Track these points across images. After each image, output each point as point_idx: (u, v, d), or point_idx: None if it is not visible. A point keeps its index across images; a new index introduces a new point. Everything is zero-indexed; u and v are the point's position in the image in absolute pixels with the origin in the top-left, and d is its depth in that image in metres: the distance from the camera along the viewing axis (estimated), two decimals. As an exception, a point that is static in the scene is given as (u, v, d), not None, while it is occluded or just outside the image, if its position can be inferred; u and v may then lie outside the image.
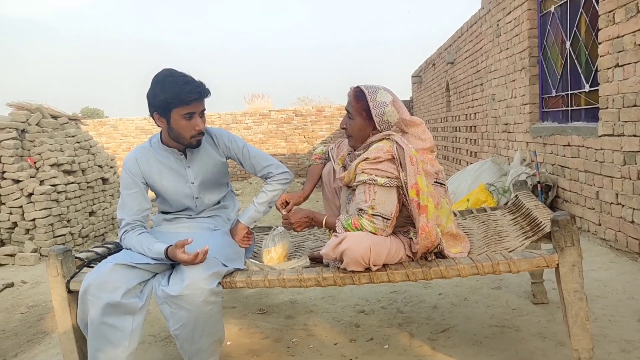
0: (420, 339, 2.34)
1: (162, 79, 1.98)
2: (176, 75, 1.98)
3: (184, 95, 1.94)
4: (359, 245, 1.78)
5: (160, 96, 1.96)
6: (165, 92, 1.95)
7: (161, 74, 2.00)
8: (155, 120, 2.04)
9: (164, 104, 1.96)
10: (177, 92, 1.94)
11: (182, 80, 1.97)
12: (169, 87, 1.95)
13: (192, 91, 1.95)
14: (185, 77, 2.00)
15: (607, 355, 2.04)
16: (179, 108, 1.97)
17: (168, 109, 1.97)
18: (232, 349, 2.40)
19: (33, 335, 3.08)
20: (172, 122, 2.00)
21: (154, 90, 1.99)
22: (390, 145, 1.87)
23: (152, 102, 2.00)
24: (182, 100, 1.95)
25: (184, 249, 1.86)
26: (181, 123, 2.00)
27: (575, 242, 1.75)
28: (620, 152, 3.43)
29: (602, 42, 3.61)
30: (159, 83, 1.98)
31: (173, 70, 2.01)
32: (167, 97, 1.95)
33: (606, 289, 2.82)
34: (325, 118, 14.17)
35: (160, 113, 2.00)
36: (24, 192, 5.64)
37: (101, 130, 14.43)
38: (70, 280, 1.99)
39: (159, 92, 1.96)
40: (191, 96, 1.95)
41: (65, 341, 2.04)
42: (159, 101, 1.97)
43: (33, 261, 5.37)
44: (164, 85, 1.96)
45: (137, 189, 2.10)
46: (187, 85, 1.95)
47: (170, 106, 1.96)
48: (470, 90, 7.26)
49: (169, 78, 1.97)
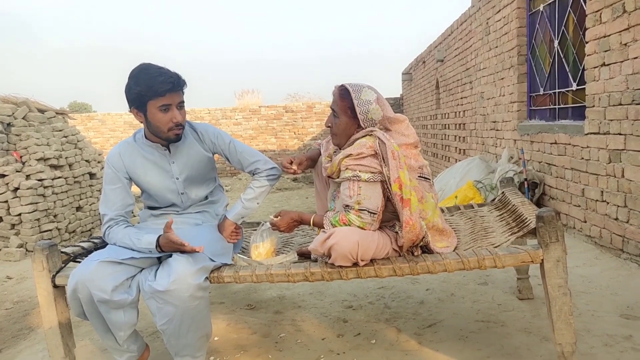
0: (407, 334, 2.36)
1: (137, 73, 1.98)
2: (150, 68, 1.98)
3: (157, 86, 1.93)
4: (347, 240, 1.79)
5: (134, 89, 1.95)
6: (139, 85, 1.94)
7: (137, 68, 2.00)
8: (135, 115, 2.03)
9: (138, 97, 1.96)
10: (150, 84, 1.93)
11: (156, 72, 1.96)
12: (143, 80, 1.94)
13: (164, 82, 1.94)
14: (160, 69, 1.99)
15: (589, 350, 2.08)
16: (153, 100, 1.96)
17: (143, 102, 1.97)
18: (220, 344, 2.40)
19: (18, 331, 3.05)
20: (149, 116, 1.99)
21: (128, 85, 1.99)
22: (372, 140, 1.89)
23: (128, 97, 2.00)
24: (155, 91, 1.94)
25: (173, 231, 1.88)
26: (157, 116, 1.98)
27: (559, 237, 1.77)
28: (605, 150, 3.48)
29: (589, 41, 3.65)
30: (133, 77, 1.98)
31: (149, 64, 2.01)
32: (140, 90, 1.94)
33: (590, 285, 2.86)
34: (316, 114, 14.16)
35: (137, 107, 2.00)
36: (10, 187, 5.57)
37: (89, 124, 14.29)
38: (55, 275, 1.98)
39: (133, 86, 1.96)
40: (164, 87, 1.94)
41: (50, 336, 2.03)
42: (133, 94, 1.96)
43: (19, 256, 5.31)
44: (138, 78, 1.96)
45: (120, 184, 2.09)
46: (160, 77, 1.94)
47: (144, 99, 1.95)
48: (460, 88, 7.30)
49: (143, 71, 1.97)
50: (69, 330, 2.07)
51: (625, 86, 3.23)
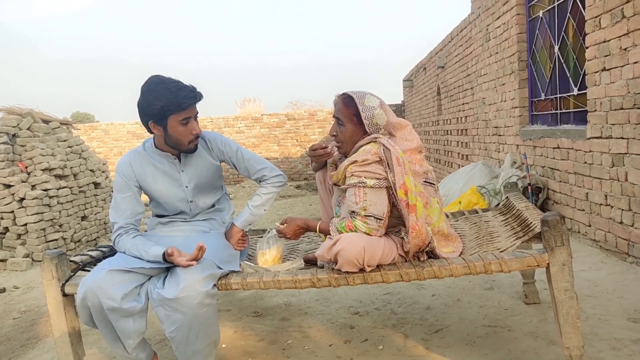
0: (415, 340, 2.36)
1: (154, 87, 1.98)
2: (167, 82, 1.99)
3: (179, 101, 1.95)
4: (354, 246, 1.80)
5: (155, 104, 1.95)
6: (160, 100, 1.95)
7: (151, 81, 2.00)
8: (151, 128, 2.03)
9: (160, 112, 1.97)
10: (172, 99, 1.95)
11: (174, 86, 1.97)
12: (163, 95, 1.95)
13: (187, 96, 1.97)
14: (177, 82, 2.00)
15: (597, 353, 2.08)
16: (175, 114, 1.98)
17: (164, 117, 1.98)
18: (228, 351, 2.41)
19: (26, 340, 3.07)
20: (169, 129, 2.01)
21: (147, 100, 1.98)
22: (377, 147, 1.91)
23: (147, 111, 1.99)
24: (179, 106, 1.96)
25: (179, 252, 1.88)
26: (178, 129, 2.01)
27: (565, 241, 1.78)
28: (608, 154, 3.49)
29: (589, 46, 3.67)
30: (151, 91, 1.97)
31: (162, 77, 2.01)
32: (163, 105, 1.95)
33: (596, 289, 2.86)
34: (318, 122, 14.21)
35: (156, 121, 2.00)
36: (16, 197, 5.61)
37: (92, 134, 14.37)
38: (65, 283, 2.00)
39: (153, 101, 1.96)
40: (187, 101, 1.97)
41: (60, 344, 2.04)
42: (154, 110, 1.96)
43: (25, 266, 5.33)
44: (157, 93, 1.96)
45: (130, 193, 2.11)
46: (181, 91, 1.96)
47: (167, 113, 1.97)
48: (461, 94, 7.33)
49: (161, 85, 1.97)
50: (78, 338, 2.08)
51: (626, 90, 3.25)
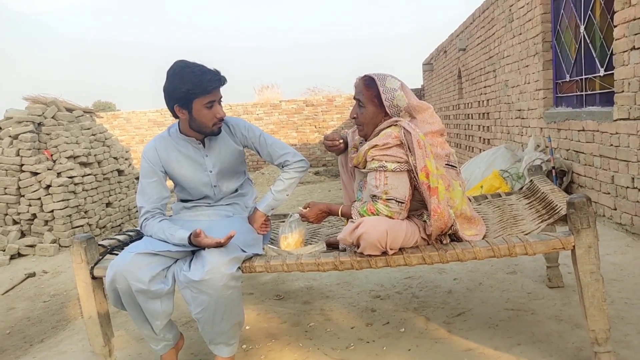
0: (436, 323, 2.37)
1: (179, 71, 2.01)
2: (192, 66, 2.01)
3: (205, 84, 1.98)
4: (376, 229, 1.81)
5: (181, 88, 1.98)
6: (185, 84, 1.98)
7: (177, 65, 2.03)
8: (177, 112, 2.06)
9: (185, 96, 1.99)
10: (198, 82, 1.97)
11: (199, 70, 2.00)
12: (189, 78, 1.97)
13: (212, 80, 1.99)
14: (201, 66, 2.03)
15: (624, 337, 2.06)
16: (200, 98, 2.00)
17: (190, 100, 2.01)
18: (251, 333, 2.45)
19: (57, 322, 3.17)
20: (194, 113, 2.04)
21: (172, 83, 2.01)
22: (398, 130, 1.90)
23: (172, 95, 2.02)
24: (204, 89, 1.98)
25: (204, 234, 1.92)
26: (203, 112, 2.03)
27: (591, 223, 1.76)
28: (636, 136, 3.40)
29: (618, 25, 3.56)
30: (177, 75, 2.00)
31: (187, 62, 2.04)
32: (188, 88, 1.98)
33: (622, 273, 2.82)
34: (336, 107, 14.15)
35: (181, 105, 2.03)
36: (42, 184, 5.75)
37: (114, 123, 14.58)
38: (94, 266, 2.05)
39: (179, 84, 1.99)
40: (212, 85, 1.99)
41: (90, 325, 2.10)
42: (180, 93, 1.99)
43: (53, 252, 5.49)
44: (182, 76, 1.99)
45: (156, 178, 2.15)
46: (206, 75, 1.99)
47: (192, 97, 1.99)
48: (483, 76, 7.20)
49: (186, 69, 2.00)
50: (107, 320, 2.14)
51: (656, 70, 3.15)
